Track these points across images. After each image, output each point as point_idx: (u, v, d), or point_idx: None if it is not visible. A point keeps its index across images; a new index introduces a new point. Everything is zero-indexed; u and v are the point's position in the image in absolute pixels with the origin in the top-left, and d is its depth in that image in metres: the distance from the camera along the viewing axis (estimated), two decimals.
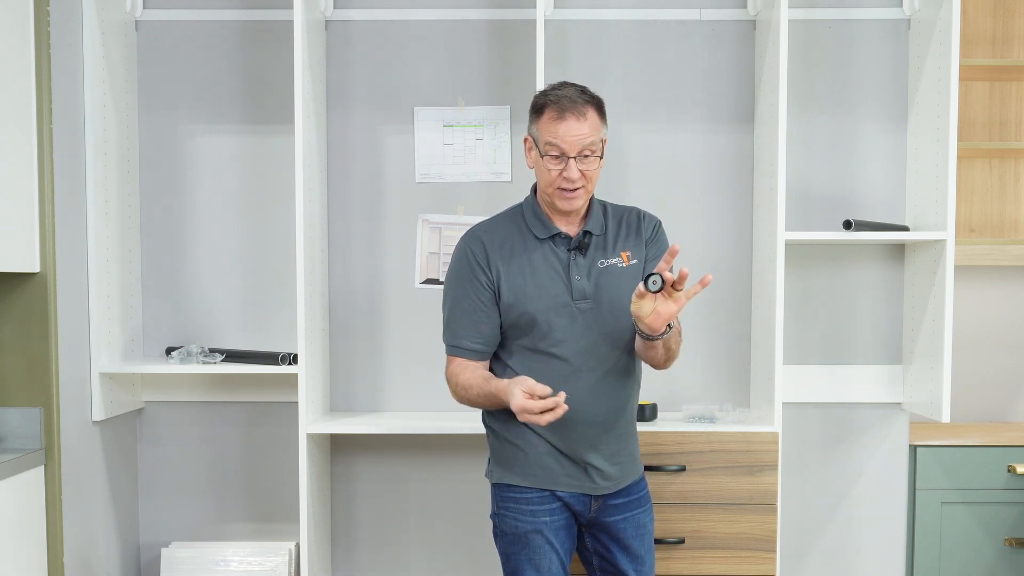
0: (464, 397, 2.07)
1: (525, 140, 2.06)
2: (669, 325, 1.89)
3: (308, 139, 2.69)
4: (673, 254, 1.80)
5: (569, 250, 2.05)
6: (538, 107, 2.01)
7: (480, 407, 2.10)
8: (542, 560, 2.07)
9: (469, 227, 2.15)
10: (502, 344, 2.10)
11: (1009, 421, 3.22)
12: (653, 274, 1.77)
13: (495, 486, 2.15)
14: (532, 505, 2.07)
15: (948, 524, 2.94)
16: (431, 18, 2.90)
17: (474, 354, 2.08)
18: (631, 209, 2.16)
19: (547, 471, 2.07)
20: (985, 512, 2.93)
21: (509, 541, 2.10)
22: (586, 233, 2.06)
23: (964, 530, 2.94)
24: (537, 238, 2.05)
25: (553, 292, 2.02)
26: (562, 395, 1.85)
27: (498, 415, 2.11)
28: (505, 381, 1.96)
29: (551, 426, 2.00)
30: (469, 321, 2.06)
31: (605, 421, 2.08)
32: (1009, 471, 2.91)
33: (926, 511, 2.95)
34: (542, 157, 1.99)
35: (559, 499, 2.08)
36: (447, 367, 2.11)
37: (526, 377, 1.91)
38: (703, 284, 1.78)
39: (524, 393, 1.86)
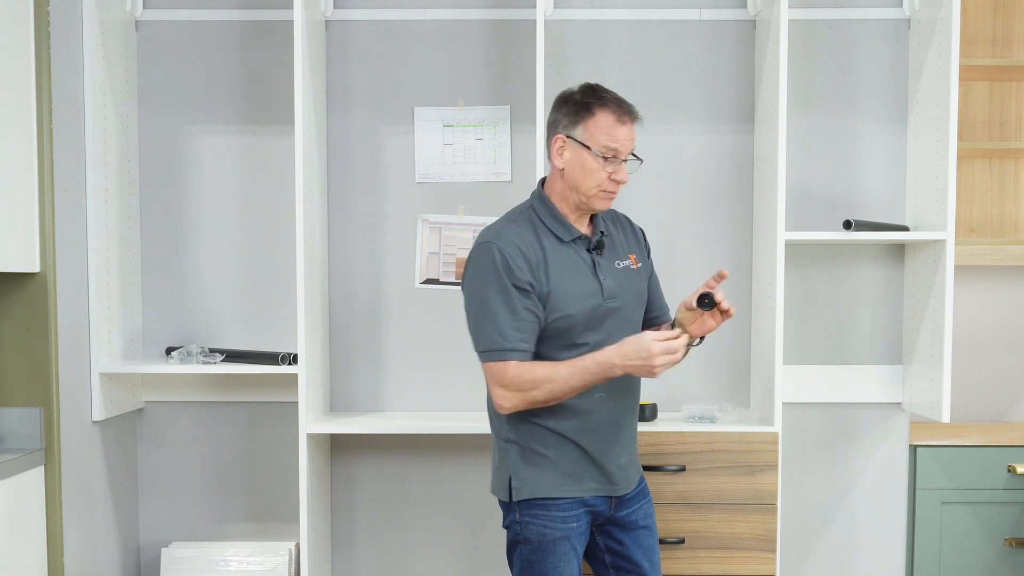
0: (544, 394, 1.95)
1: (556, 139, 2.03)
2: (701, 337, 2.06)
3: (308, 139, 2.69)
4: (722, 277, 1.97)
5: (588, 251, 2.07)
6: (587, 107, 2.01)
7: (561, 397, 1.96)
8: (566, 567, 2.05)
9: (483, 229, 2.07)
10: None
11: (1009, 421, 3.22)
12: (707, 294, 1.96)
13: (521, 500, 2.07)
14: (562, 511, 2.05)
15: (948, 524, 2.94)
16: (431, 18, 2.90)
17: (527, 355, 1.97)
18: (614, 211, 2.22)
19: (576, 479, 2.06)
20: (985, 512, 2.93)
21: (534, 548, 2.05)
22: (602, 234, 2.10)
23: (964, 530, 2.94)
24: (561, 240, 2.04)
25: (587, 293, 2.03)
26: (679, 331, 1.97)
27: (520, 426, 2.05)
28: (608, 348, 1.94)
29: (582, 425, 2.03)
30: (517, 322, 1.96)
31: (626, 418, 2.12)
32: (1009, 471, 2.91)
33: (926, 511, 2.94)
34: (595, 158, 1.99)
35: (584, 504, 2.08)
36: (500, 374, 1.96)
37: (644, 332, 1.95)
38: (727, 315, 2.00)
39: (655, 339, 1.90)
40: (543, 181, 2.13)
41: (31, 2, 2.42)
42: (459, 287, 2.90)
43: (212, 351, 2.80)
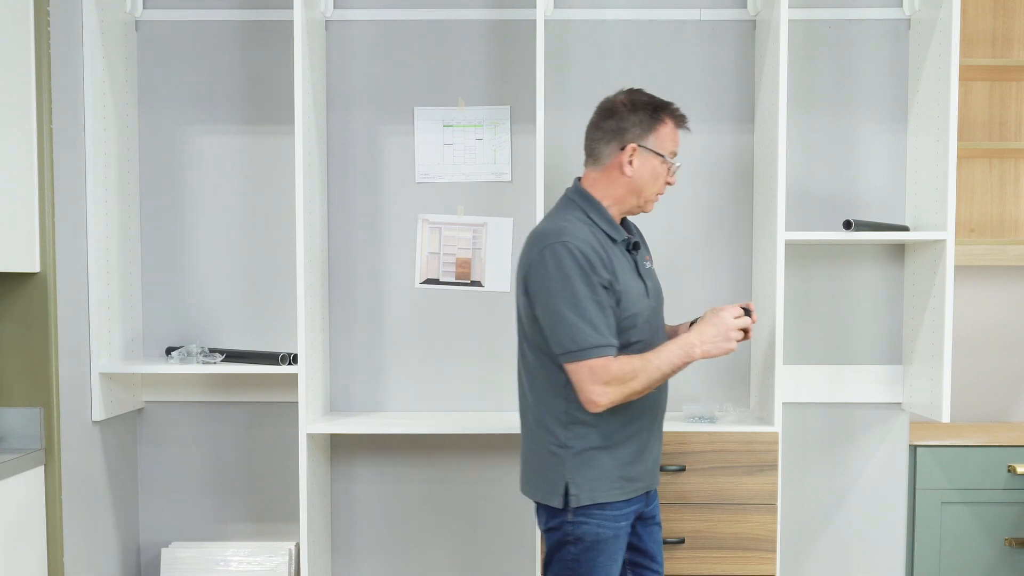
0: (642, 383, 1.96)
1: (628, 148, 2.04)
2: None
3: (308, 139, 2.69)
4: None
5: (628, 251, 2.10)
6: (657, 115, 2.06)
7: (652, 385, 2.00)
8: (613, 567, 2.07)
9: (539, 232, 2.05)
10: None
11: (1009, 421, 3.22)
12: (748, 309, 2.08)
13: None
14: (615, 511, 2.06)
15: (948, 524, 2.94)
16: (431, 18, 2.90)
17: (617, 351, 1.99)
18: None
19: (630, 480, 2.08)
20: (985, 512, 2.93)
21: (586, 548, 2.04)
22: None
23: (964, 530, 2.94)
24: (613, 241, 2.07)
25: (640, 293, 2.07)
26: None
27: (578, 431, 2.03)
28: (682, 335, 2.02)
29: (641, 421, 2.08)
30: (607, 319, 1.98)
31: (664, 411, 2.19)
32: (1009, 471, 2.91)
33: (926, 511, 2.94)
34: (663, 164, 2.07)
35: (633, 504, 2.10)
36: (602, 371, 1.94)
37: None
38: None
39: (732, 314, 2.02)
40: (579, 180, 2.14)
41: (31, 2, 2.42)
42: (461, 288, 2.93)
43: (212, 351, 2.80)
